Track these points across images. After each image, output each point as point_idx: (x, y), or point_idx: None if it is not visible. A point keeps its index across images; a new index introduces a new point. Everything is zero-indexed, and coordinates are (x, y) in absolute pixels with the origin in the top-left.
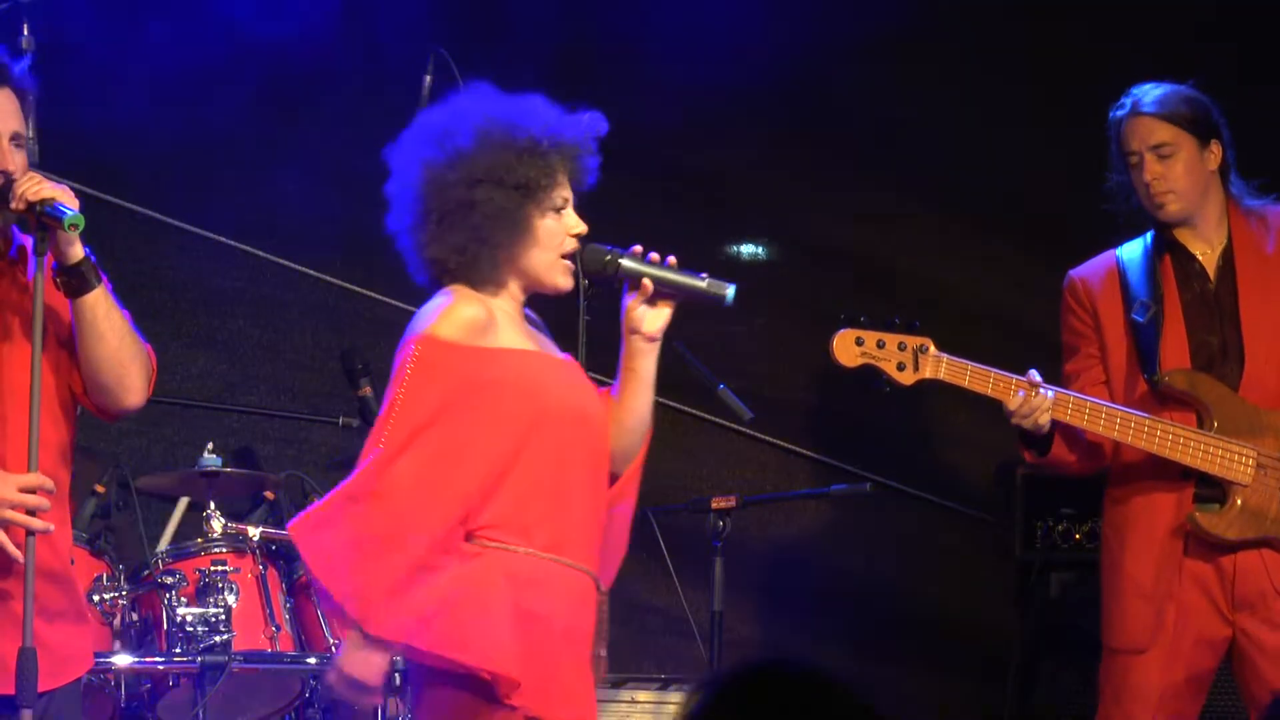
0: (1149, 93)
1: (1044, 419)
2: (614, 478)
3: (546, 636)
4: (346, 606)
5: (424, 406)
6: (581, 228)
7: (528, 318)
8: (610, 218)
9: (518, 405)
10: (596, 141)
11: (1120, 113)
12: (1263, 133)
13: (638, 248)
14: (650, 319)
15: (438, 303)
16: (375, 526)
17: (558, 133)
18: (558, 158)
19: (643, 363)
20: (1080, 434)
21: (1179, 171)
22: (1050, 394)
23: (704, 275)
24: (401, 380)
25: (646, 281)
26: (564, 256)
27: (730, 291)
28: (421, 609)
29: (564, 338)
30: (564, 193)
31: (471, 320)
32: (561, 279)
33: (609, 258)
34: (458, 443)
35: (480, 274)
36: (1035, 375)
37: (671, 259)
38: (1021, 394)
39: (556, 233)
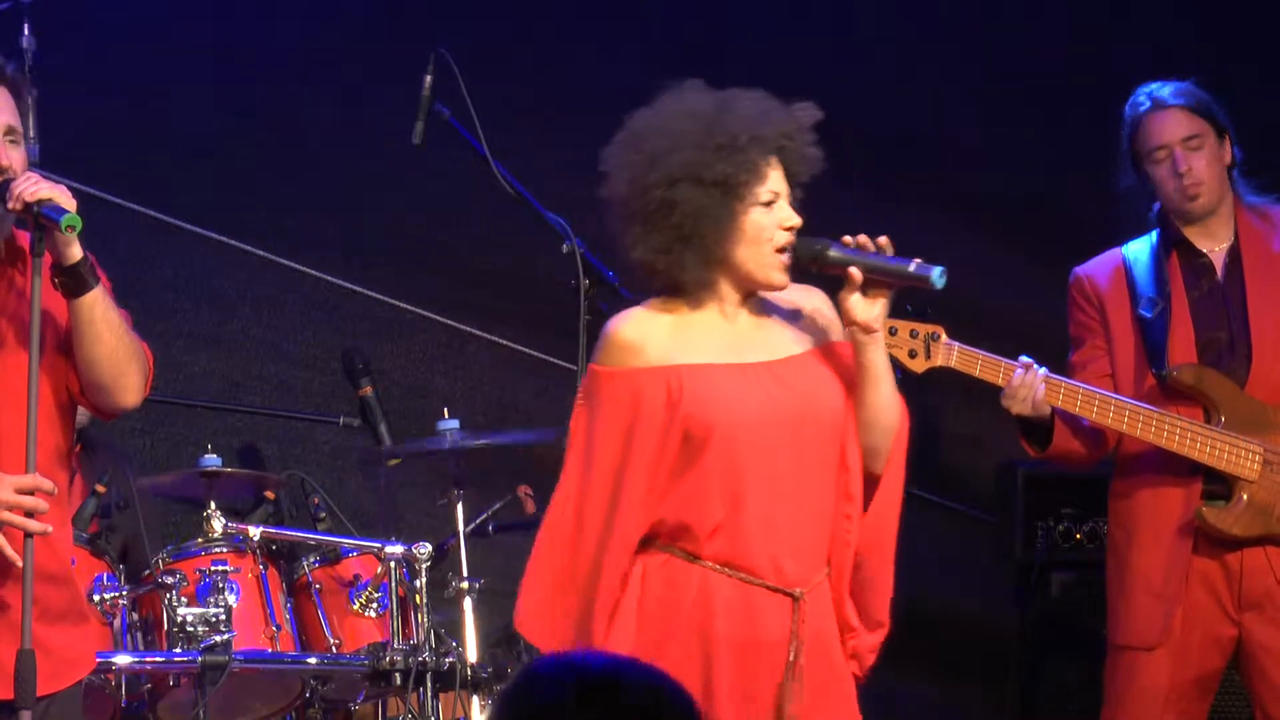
0: (1164, 88)
1: (1040, 395)
2: (873, 478)
3: (697, 652)
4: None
5: (586, 441)
6: (794, 220)
7: (769, 308)
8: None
9: (692, 420)
10: (810, 133)
11: (1142, 109)
12: (1263, 133)
13: (848, 237)
14: (862, 309)
15: (607, 325)
16: (554, 571)
17: (756, 127)
18: (758, 151)
19: (867, 355)
20: (1083, 422)
21: (1204, 164)
22: (1042, 372)
23: (913, 260)
24: (573, 416)
25: (853, 270)
26: (779, 251)
27: (937, 273)
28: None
29: (567, 337)
30: (773, 186)
31: (625, 344)
32: (775, 275)
33: (819, 249)
34: (616, 472)
35: (687, 276)
36: (1026, 358)
37: (883, 240)
38: (1020, 370)
39: (766, 227)
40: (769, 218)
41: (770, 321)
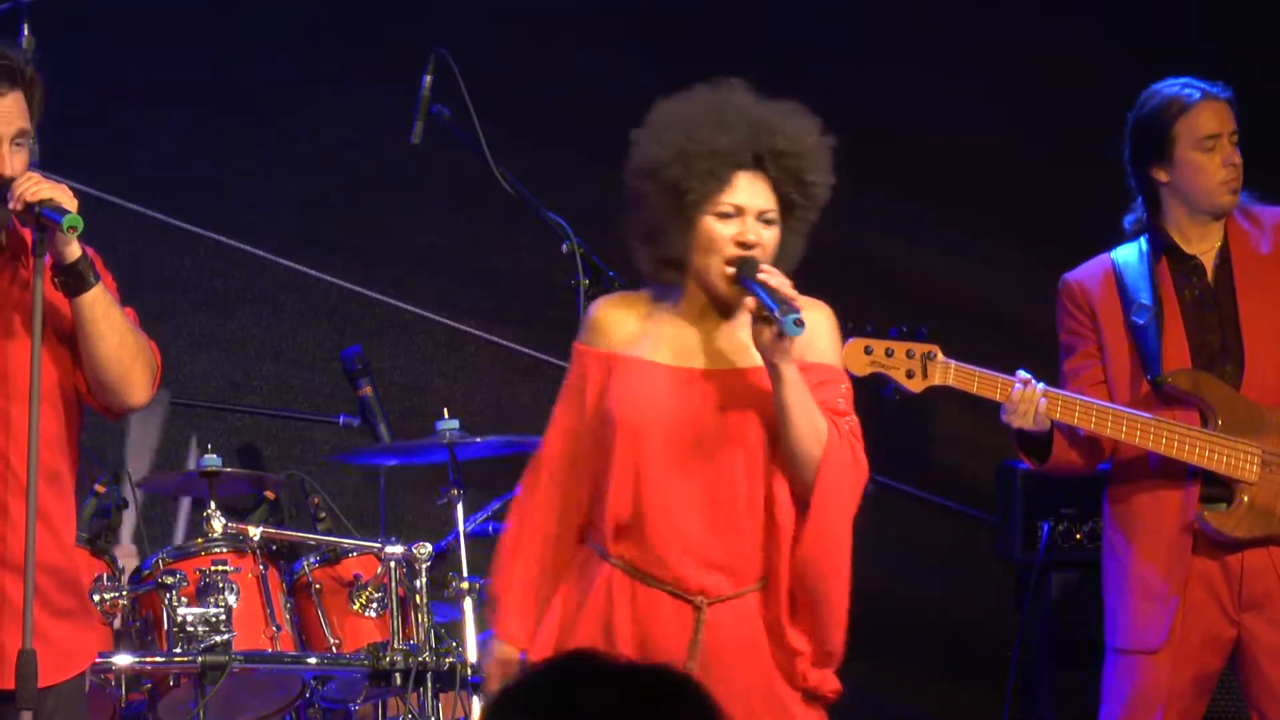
0: (1196, 82)
1: (1041, 408)
2: (804, 507)
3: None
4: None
5: (556, 415)
6: (750, 237)
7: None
8: (612, 217)
9: (608, 411)
10: (807, 156)
11: (1192, 99)
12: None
13: (765, 270)
14: (762, 335)
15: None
16: (506, 537)
17: (723, 137)
18: (718, 162)
19: (775, 389)
20: (1079, 432)
21: (1240, 162)
22: (1040, 386)
23: (782, 307)
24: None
25: (746, 300)
26: (729, 263)
27: (790, 321)
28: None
29: (567, 338)
30: (739, 200)
31: (592, 322)
32: (723, 285)
33: (743, 272)
34: (571, 447)
35: (661, 271)
36: (1024, 373)
37: (775, 281)
38: (1019, 386)
39: (718, 239)
40: (725, 229)
41: (740, 329)
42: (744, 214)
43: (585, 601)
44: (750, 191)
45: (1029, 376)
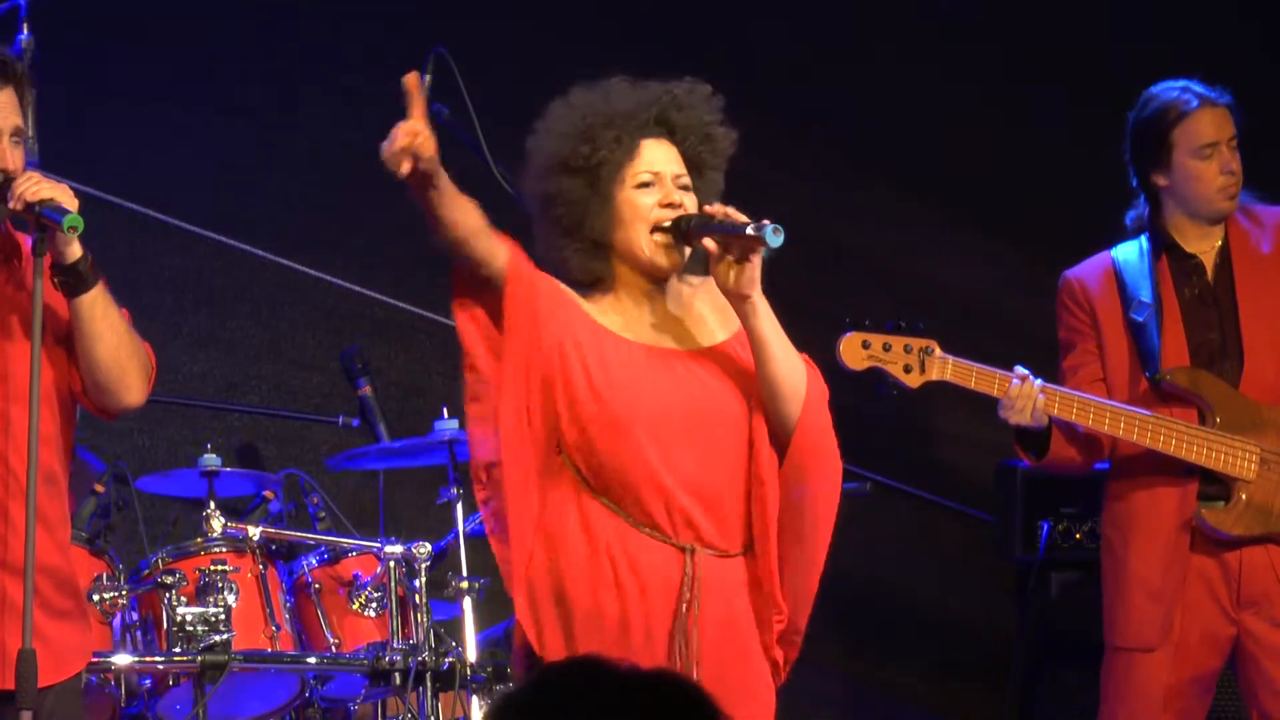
0: (1194, 87)
1: (1039, 404)
2: (783, 452)
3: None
4: None
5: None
6: (674, 197)
7: (693, 297)
8: None
9: (593, 391)
10: (703, 109)
11: (1190, 105)
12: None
13: (710, 207)
14: (726, 276)
15: None
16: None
17: (623, 105)
18: (624, 130)
19: (749, 324)
20: (1078, 428)
21: (1239, 165)
22: (1039, 382)
23: (751, 223)
24: None
25: (706, 241)
26: (655, 231)
27: (769, 230)
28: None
29: None
30: (651, 166)
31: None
32: (657, 256)
33: (685, 222)
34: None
35: (578, 272)
36: (1021, 369)
37: (717, 208)
38: (1016, 381)
39: (640, 207)
40: (646, 198)
41: (690, 308)
42: (661, 179)
43: (576, 535)
44: (662, 155)
45: (1026, 372)
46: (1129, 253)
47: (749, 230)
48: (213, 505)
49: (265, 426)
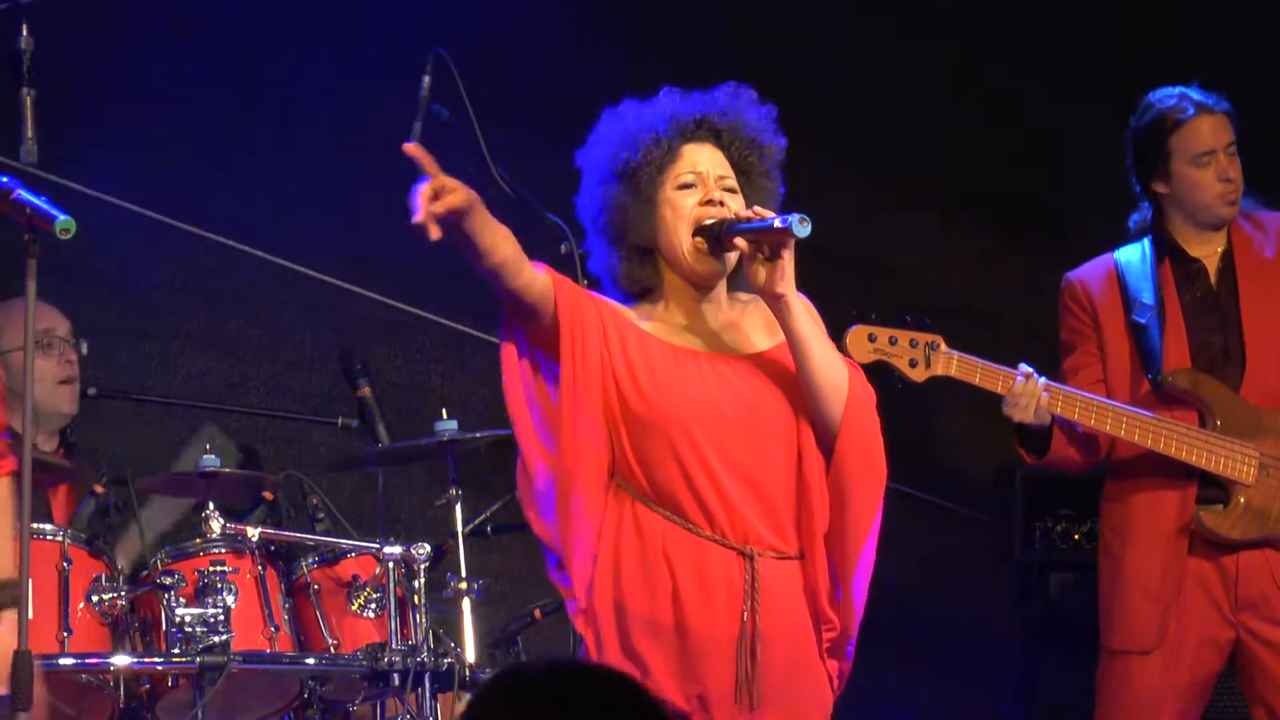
0: (1193, 92)
1: (1043, 402)
2: (829, 454)
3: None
4: None
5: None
6: (715, 195)
7: (743, 307)
8: None
9: (644, 396)
10: (745, 113)
11: (1188, 113)
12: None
13: (744, 210)
14: (759, 275)
15: None
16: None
17: (665, 111)
18: (665, 134)
19: (785, 323)
20: (1078, 428)
21: (1239, 171)
22: (1043, 380)
23: (778, 216)
24: None
25: (737, 240)
26: (695, 233)
27: (795, 220)
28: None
29: None
30: (694, 168)
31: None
32: (694, 259)
33: (718, 225)
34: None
35: (637, 280)
36: (1026, 367)
37: (743, 210)
38: (1021, 379)
39: (679, 207)
40: (688, 199)
41: (738, 322)
42: (704, 179)
43: (632, 546)
44: (703, 156)
45: (1031, 370)
46: (1132, 255)
47: (775, 223)
48: (212, 506)
49: (265, 427)
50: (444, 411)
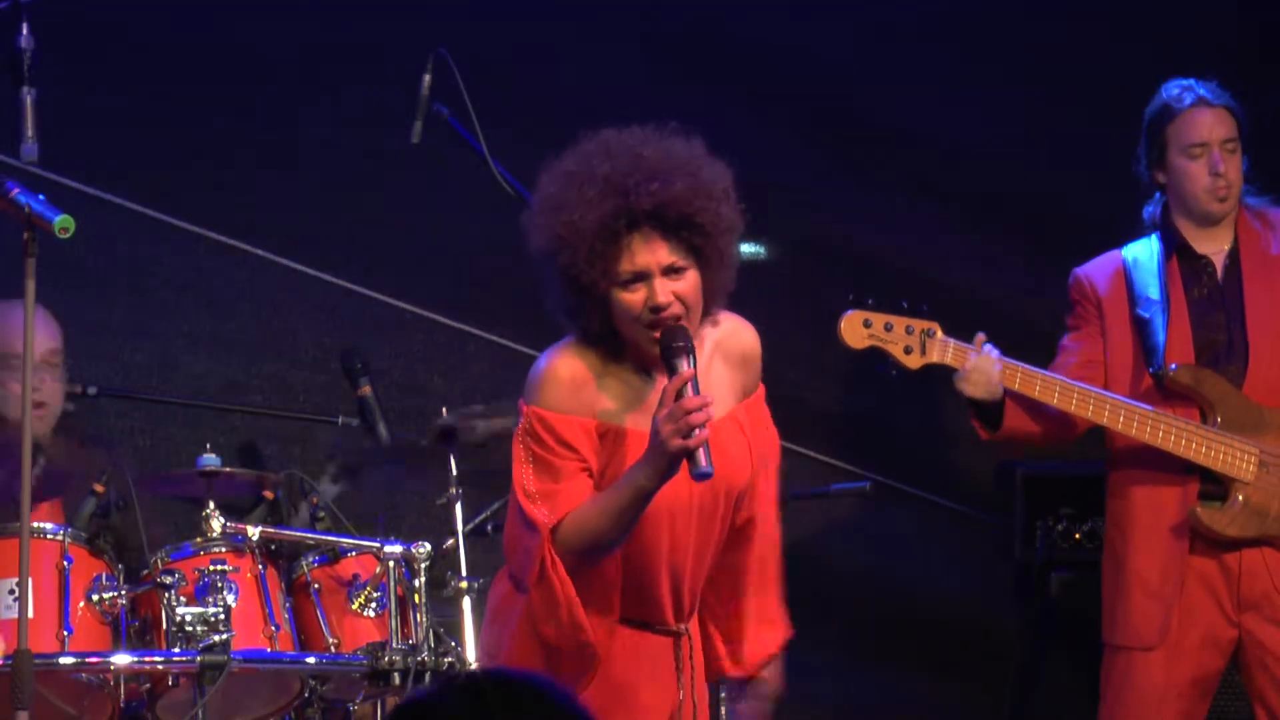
0: (1199, 85)
1: (994, 378)
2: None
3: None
4: None
5: (529, 480)
6: (660, 299)
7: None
8: None
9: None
10: (674, 198)
11: (1186, 102)
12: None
13: (677, 376)
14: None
15: (540, 361)
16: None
17: (580, 218)
18: (591, 241)
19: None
20: (1046, 406)
21: (1235, 169)
22: (996, 353)
23: (700, 460)
24: (514, 450)
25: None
26: (651, 327)
27: (699, 475)
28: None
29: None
30: (634, 264)
31: (558, 381)
32: (650, 347)
33: (668, 355)
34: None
35: (599, 340)
36: (981, 336)
37: (687, 372)
38: (974, 355)
39: (629, 307)
40: (635, 297)
41: (705, 371)
42: (648, 275)
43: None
44: (644, 250)
45: (990, 346)
46: (1140, 252)
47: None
48: (212, 505)
49: (265, 426)
50: (444, 411)
